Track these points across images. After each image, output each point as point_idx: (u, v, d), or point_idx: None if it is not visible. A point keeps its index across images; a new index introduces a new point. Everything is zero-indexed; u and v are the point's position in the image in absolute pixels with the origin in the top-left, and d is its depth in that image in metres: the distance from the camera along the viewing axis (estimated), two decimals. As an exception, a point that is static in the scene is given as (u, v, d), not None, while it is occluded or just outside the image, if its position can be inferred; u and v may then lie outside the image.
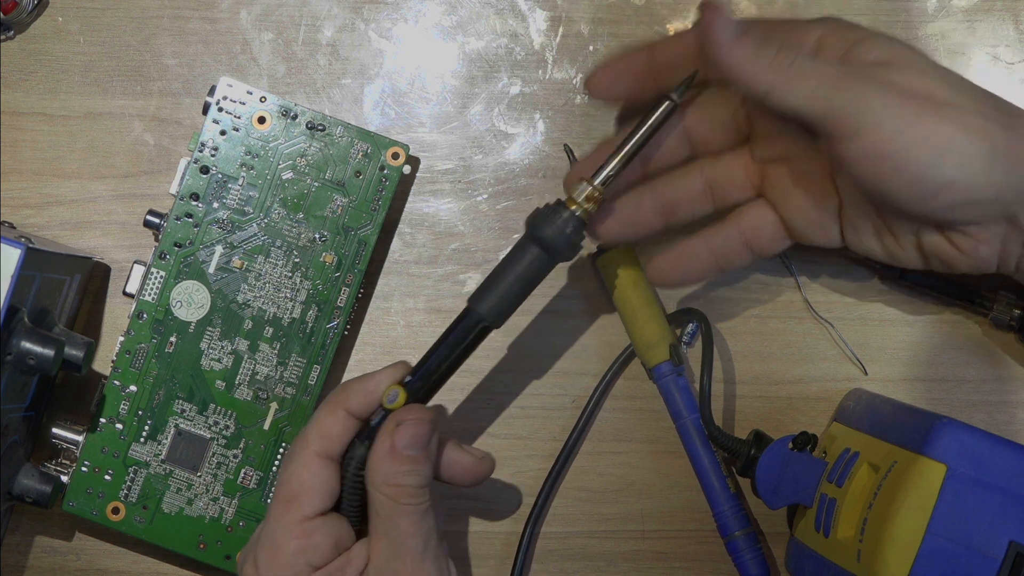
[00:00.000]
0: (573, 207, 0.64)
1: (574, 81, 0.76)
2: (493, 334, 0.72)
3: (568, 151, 0.74)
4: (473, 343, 0.65)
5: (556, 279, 0.75)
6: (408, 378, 0.65)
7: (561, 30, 0.76)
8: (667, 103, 0.65)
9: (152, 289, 0.71)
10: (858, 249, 0.68)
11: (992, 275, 0.73)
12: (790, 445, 0.70)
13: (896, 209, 0.64)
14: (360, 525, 0.66)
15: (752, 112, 0.68)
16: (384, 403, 0.64)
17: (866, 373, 0.75)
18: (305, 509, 0.63)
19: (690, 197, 0.70)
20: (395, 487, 0.63)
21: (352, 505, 0.65)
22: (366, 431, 0.65)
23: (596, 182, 0.65)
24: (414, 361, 0.66)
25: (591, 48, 0.76)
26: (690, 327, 0.75)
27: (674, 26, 0.76)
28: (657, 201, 0.69)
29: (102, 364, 0.73)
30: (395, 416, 0.64)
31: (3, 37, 0.74)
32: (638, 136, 0.65)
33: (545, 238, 0.64)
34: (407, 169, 0.73)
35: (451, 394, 0.74)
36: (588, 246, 0.74)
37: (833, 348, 0.75)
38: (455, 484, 0.67)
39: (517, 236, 0.74)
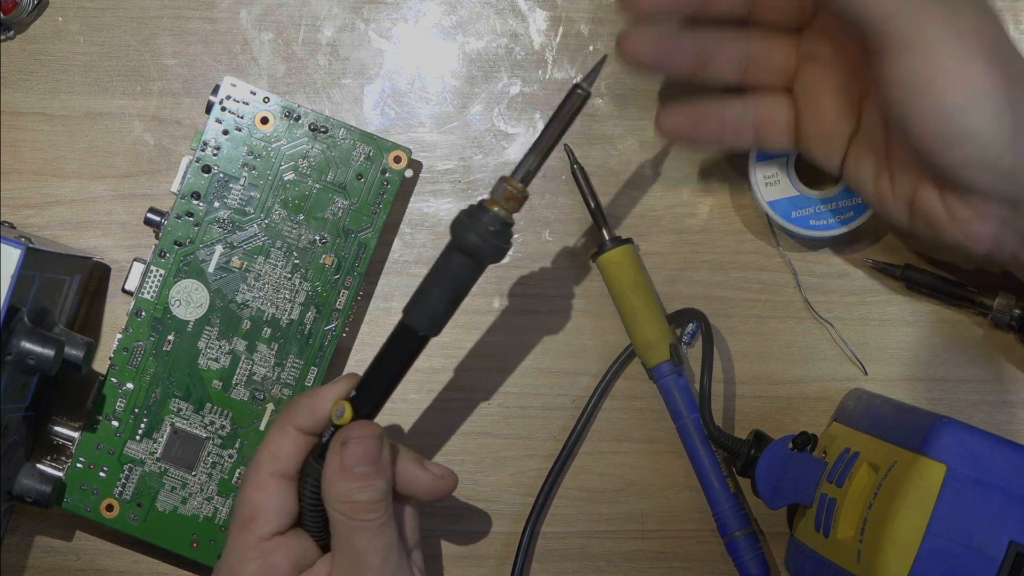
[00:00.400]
0: (495, 208, 0.62)
1: (574, 81, 0.75)
2: (494, 334, 0.72)
3: (568, 151, 0.74)
4: (413, 355, 0.64)
5: (556, 279, 0.75)
6: (353, 393, 0.64)
7: (561, 30, 0.76)
8: (579, 92, 0.63)
9: (151, 287, 0.71)
10: (851, 183, 0.68)
11: (991, 273, 0.72)
12: (790, 445, 0.70)
13: (912, 144, 0.62)
14: (325, 540, 0.65)
15: (818, 4, 0.68)
16: (333, 419, 0.64)
17: (866, 373, 0.75)
18: (261, 530, 0.63)
19: (726, 60, 0.69)
20: (349, 504, 0.62)
21: (313, 522, 0.65)
22: (319, 448, 0.64)
23: (516, 180, 0.63)
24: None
25: (591, 48, 0.76)
26: (690, 327, 0.75)
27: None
28: (697, 47, 0.68)
29: (100, 363, 0.73)
30: (341, 434, 0.63)
31: (3, 37, 0.74)
32: (553, 129, 0.63)
33: (469, 244, 0.62)
34: (409, 173, 0.72)
35: (451, 394, 0.74)
36: (589, 246, 0.74)
37: (833, 348, 0.75)
38: (415, 499, 0.67)
39: (518, 236, 0.74)
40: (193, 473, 0.71)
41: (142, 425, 0.71)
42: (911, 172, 0.65)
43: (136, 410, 0.71)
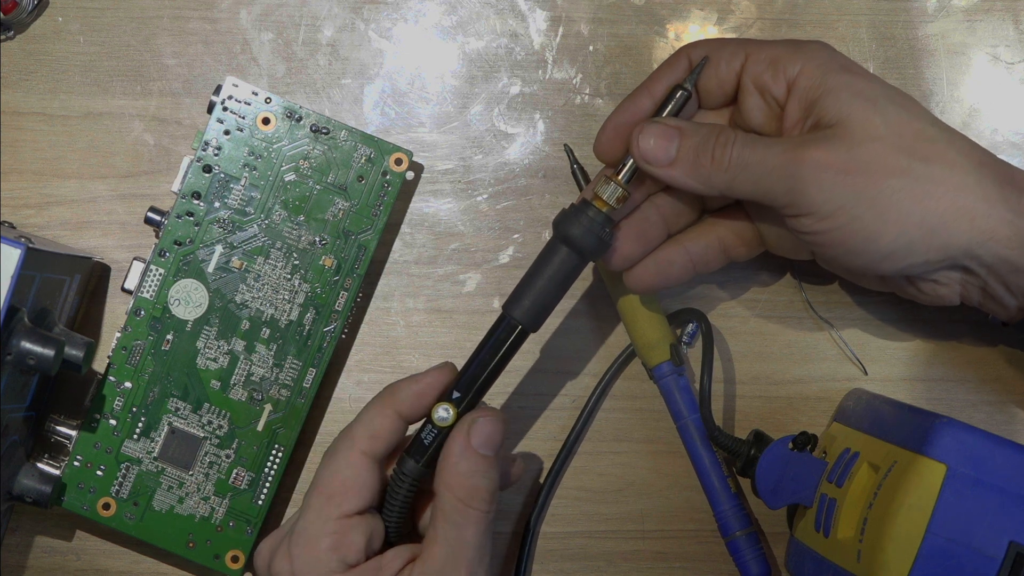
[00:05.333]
0: (598, 204, 0.64)
1: (574, 81, 0.76)
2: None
3: (568, 151, 0.74)
4: (512, 349, 0.65)
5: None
6: (456, 395, 0.64)
7: (561, 30, 0.76)
8: (681, 92, 0.66)
9: (151, 286, 0.71)
10: (826, 267, 0.70)
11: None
12: (790, 445, 0.70)
13: (848, 273, 0.68)
14: (396, 538, 0.66)
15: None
16: (436, 422, 0.64)
17: (866, 373, 0.75)
18: (344, 507, 0.63)
19: (713, 256, 0.70)
20: (469, 488, 0.63)
21: (396, 517, 0.65)
22: (415, 446, 0.65)
23: (620, 178, 0.65)
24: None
25: (591, 48, 0.76)
26: (690, 327, 0.74)
27: (673, 26, 0.76)
28: (687, 257, 0.69)
29: (99, 362, 0.73)
30: (471, 414, 0.64)
31: (3, 37, 0.75)
32: None
33: (575, 238, 0.64)
34: (410, 175, 0.72)
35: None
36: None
37: (833, 348, 0.75)
38: None
39: (518, 236, 0.74)
40: (190, 473, 0.71)
41: (140, 424, 0.71)
42: None
43: (134, 409, 0.71)
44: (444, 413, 0.64)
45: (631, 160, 0.65)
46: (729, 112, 0.69)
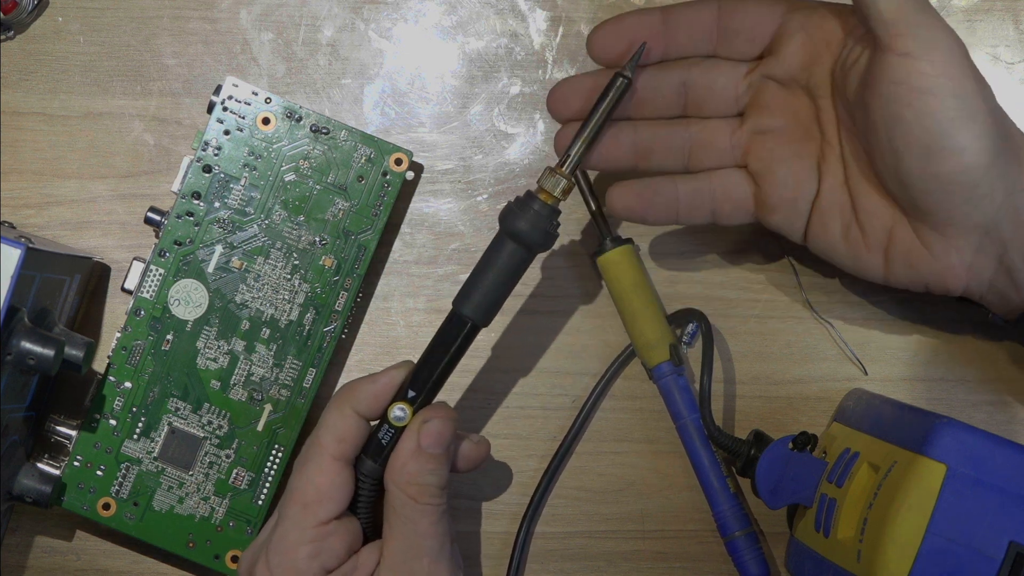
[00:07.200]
0: (543, 196, 0.65)
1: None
2: (494, 334, 0.72)
3: (568, 151, 0.74)
4: (464, 344, 0.66)
5: (556, 278, 0.75)
6: (411, 394, 0.65)
7: (561, 30, 0.76)
8: (621, 80, 0.66)
9: (151, 286, 0.71)
10: (819, 248, 0.69)
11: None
12: (790, 445, 0.70)
13: (893, 161, 0.63)
14: (371, 533, 0.66)
15: (758, 81, 0.69)
16: (392, 422, 0.65)
17: (866, 373, 0.75)
18: (321, 515, 0.64)
19: (667, 149, 0.69)
20: (418, 486, 0.64)
21: (361, 515, 0.66)
22: (373, 447, 0.65)
23: (564, 170, 0.65)
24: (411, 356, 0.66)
25: (592, 48, 0.76)
26: (690, 327, 0.74)
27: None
28: (634, 141, 0.69)
29: (99, 362, 0.73)
30: (422, 414, 0.65)
31: (3, 37, 0.75)
32: (596, 118, 0.66)
33: (520, 232, 0.64)
34: (410, 175, 0.72)
35: (450, 394, 0.74)
36: (589, 246, 0.74)
37: (833, 348, 0.75)
38: (453, 472, 0.68)
39: (517, 236, 0.74)
40: (190, 473, 0.71)
41: (140, 424, 0.71)
42: (882, 217, 0.66)
43: (134, 409, 0.71)
44: (400, 413, 0.65)
45: (574, 151, 0.65)
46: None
